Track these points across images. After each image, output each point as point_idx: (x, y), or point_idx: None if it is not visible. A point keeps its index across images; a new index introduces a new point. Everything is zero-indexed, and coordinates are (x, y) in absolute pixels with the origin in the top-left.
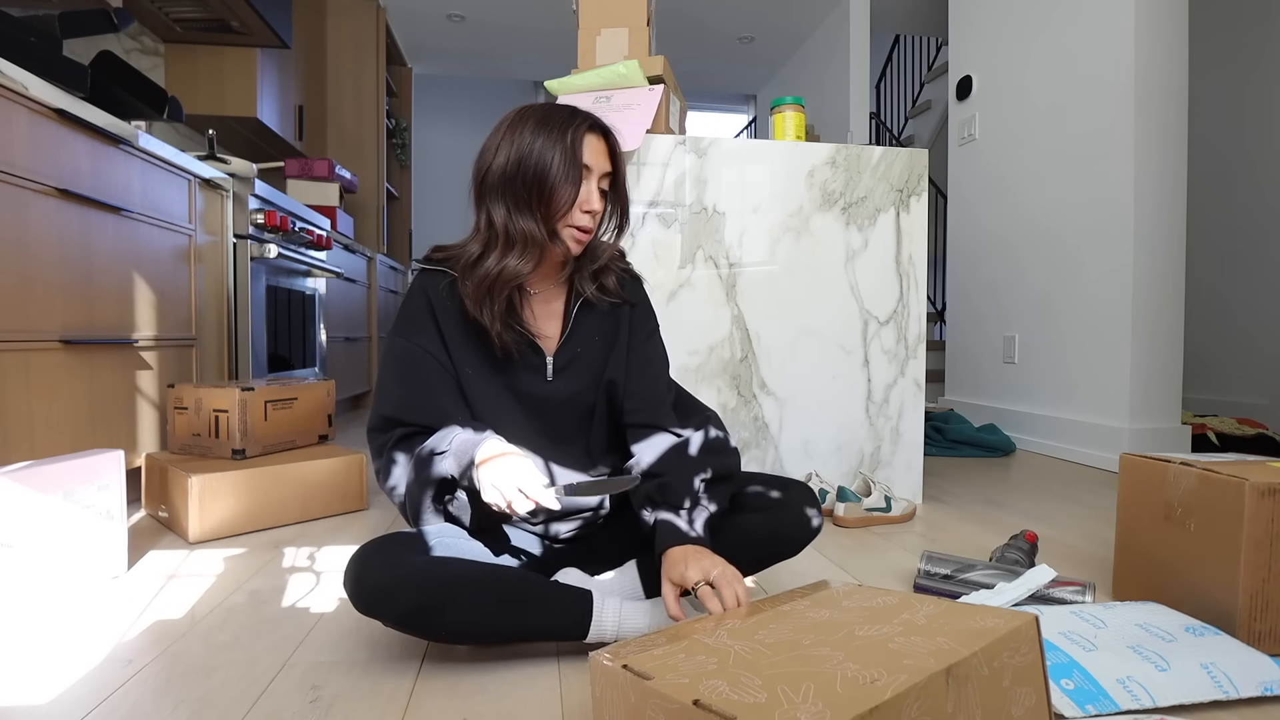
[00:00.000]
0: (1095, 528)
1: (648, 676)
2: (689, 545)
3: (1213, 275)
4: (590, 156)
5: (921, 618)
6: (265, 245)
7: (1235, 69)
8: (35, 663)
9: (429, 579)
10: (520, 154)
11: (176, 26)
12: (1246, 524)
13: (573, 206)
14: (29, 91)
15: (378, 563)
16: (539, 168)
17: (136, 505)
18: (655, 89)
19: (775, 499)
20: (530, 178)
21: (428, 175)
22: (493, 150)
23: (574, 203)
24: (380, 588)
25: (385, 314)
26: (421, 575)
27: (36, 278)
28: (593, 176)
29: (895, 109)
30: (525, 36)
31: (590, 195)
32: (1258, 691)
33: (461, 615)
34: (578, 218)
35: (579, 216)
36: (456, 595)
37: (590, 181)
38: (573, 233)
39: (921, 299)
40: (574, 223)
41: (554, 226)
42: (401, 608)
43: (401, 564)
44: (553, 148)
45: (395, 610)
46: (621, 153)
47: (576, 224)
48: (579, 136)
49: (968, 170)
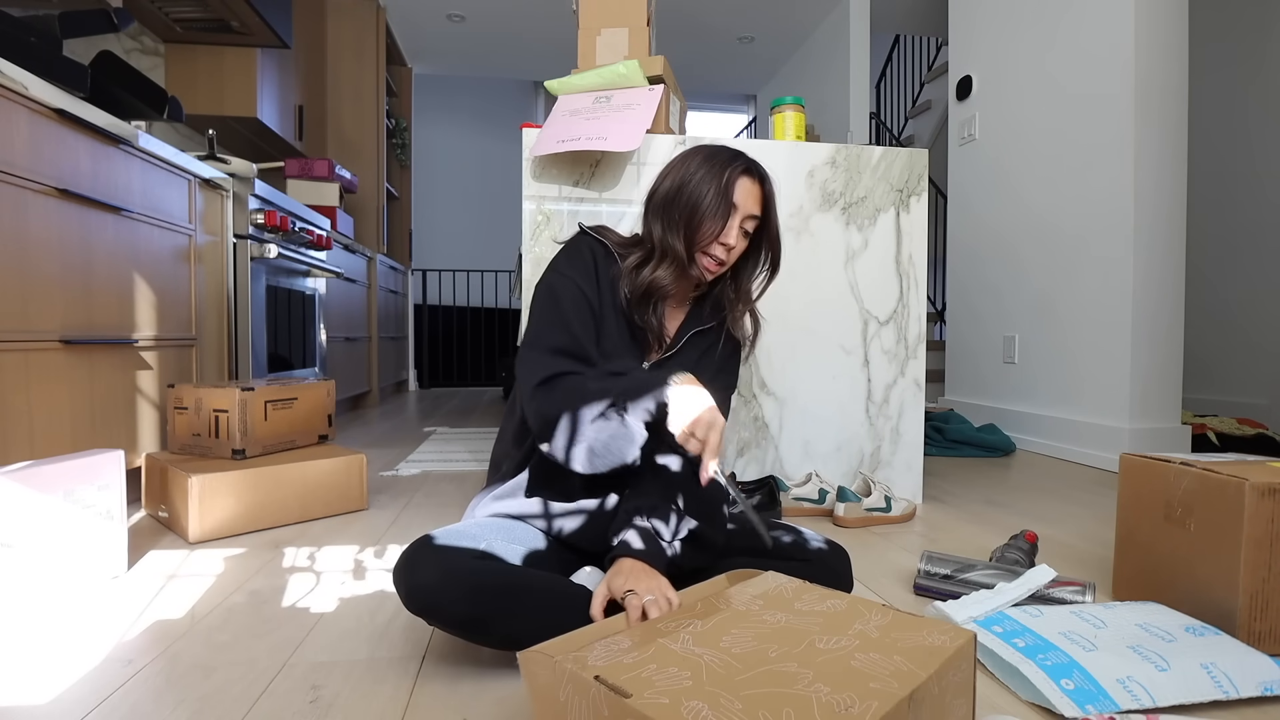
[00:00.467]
0: (1095, 528)
1: (625, 693)
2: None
3: (1213, 275)
4: (740, 196)
5: (873, 629)
6: (265, 245)
7: (1236, 68)
8: (35, 663)
9: (483, 587)
10: (682, 181)
11: (176, 26)
12: (1246, 524)
13: (714, 239)
14: (29, 91)
15: (431, 566)
16: (694, 197)
17: (136, 505)
18: (655, 89)
19: (815, 550)
20: (685, 204)
21: (428, 175)
22: (665, 175)
23: (716, 235)
24: (432, 591)
25: (385, 314)
26: (475, 582)
27: (36, 278)
28: (737, 215)
29: (895, 109)
30: (525, 36)
31: (730, 231)
32: (1258, 691)
33: (513, 626)
34: (715, 248)
35: (716, 248)
36: (510, 607)
37: (734, 219)
38: (707, 261)
39: (921, 299)
40: (712, 252)
41: (694, 251)
42: (454, 616)
43: (455, 569)
44: (709, 182)
45: (448, 618)
46: (774, 200)
47: (713, 254)
48: (734, 176)
49: (968, 170)
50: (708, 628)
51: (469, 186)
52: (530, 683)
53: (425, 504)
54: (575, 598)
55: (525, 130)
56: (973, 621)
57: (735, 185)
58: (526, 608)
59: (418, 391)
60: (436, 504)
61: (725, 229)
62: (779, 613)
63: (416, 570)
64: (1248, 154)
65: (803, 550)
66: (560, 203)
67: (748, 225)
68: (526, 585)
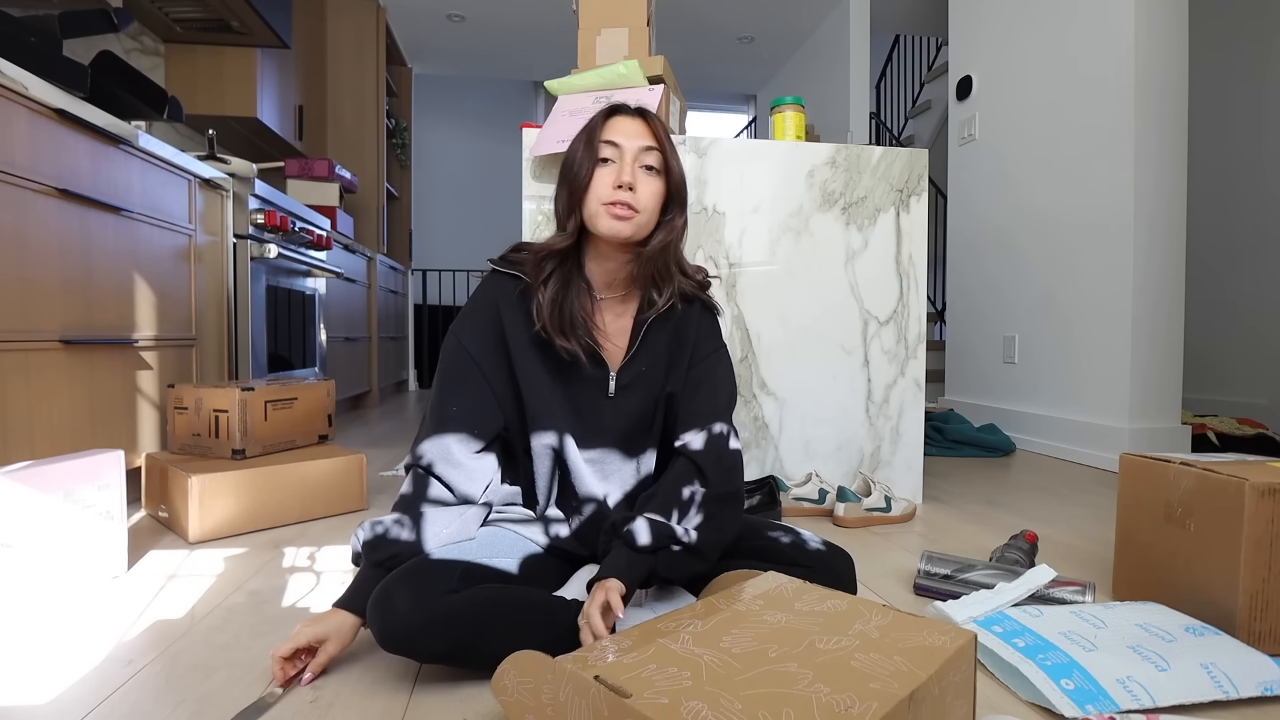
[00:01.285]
0: (1095, 528)
1: (625, 693)
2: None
3: (1213, 275)
4: (615, 133)
5: (874, 629)
6: (265, 245)
7: (1236, 67)
8: (35, 663)
9: (457, 619)
10: (567, 158)
11: (176, 26)
12: (1246, 524)
13: (591, 180)
14: (29, 91)
15: (404, 602)
16: (571, 157)
17: (136, 505)
18: (655, 89)
19: (816, 554)
20: (569, 170)
21: (428, 175)
22: None
23: (591, 175)
24: (407, 633)
25: (385, 314)
26: (450, 614)
27: (36, 278)
28: (625, 154)
29: (895, 109)
30: (525, 36)
31: (621, 171)
32: (1258, 691)
33: (495, 648)
34: (605, 193)
35: (606, 191)
36: (485, 635)
37: (623, 160)
38: (609, 210)
39: (921, 299)
40: (605, 199)
41: (589, 208)
42: (432, 652)
43: (430, 604)
44: (580, 138)
45: (425, 654)
46: (666, 134)
47: (605, 200)
48: (598, 120)
49: (968, 170)
50: (708, 628)
51: (469, 186)
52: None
53: None
54: (552, 611)
55: (525, 130)
56: (973, 621)
57: (604, 125)
58: (499, 631)
59: (418, 391)
60: None
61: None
62: (779, 613)
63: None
64: (1248, 153)
65: (804, 554)
66: None
67: (647, 159)
68: (506, 609)
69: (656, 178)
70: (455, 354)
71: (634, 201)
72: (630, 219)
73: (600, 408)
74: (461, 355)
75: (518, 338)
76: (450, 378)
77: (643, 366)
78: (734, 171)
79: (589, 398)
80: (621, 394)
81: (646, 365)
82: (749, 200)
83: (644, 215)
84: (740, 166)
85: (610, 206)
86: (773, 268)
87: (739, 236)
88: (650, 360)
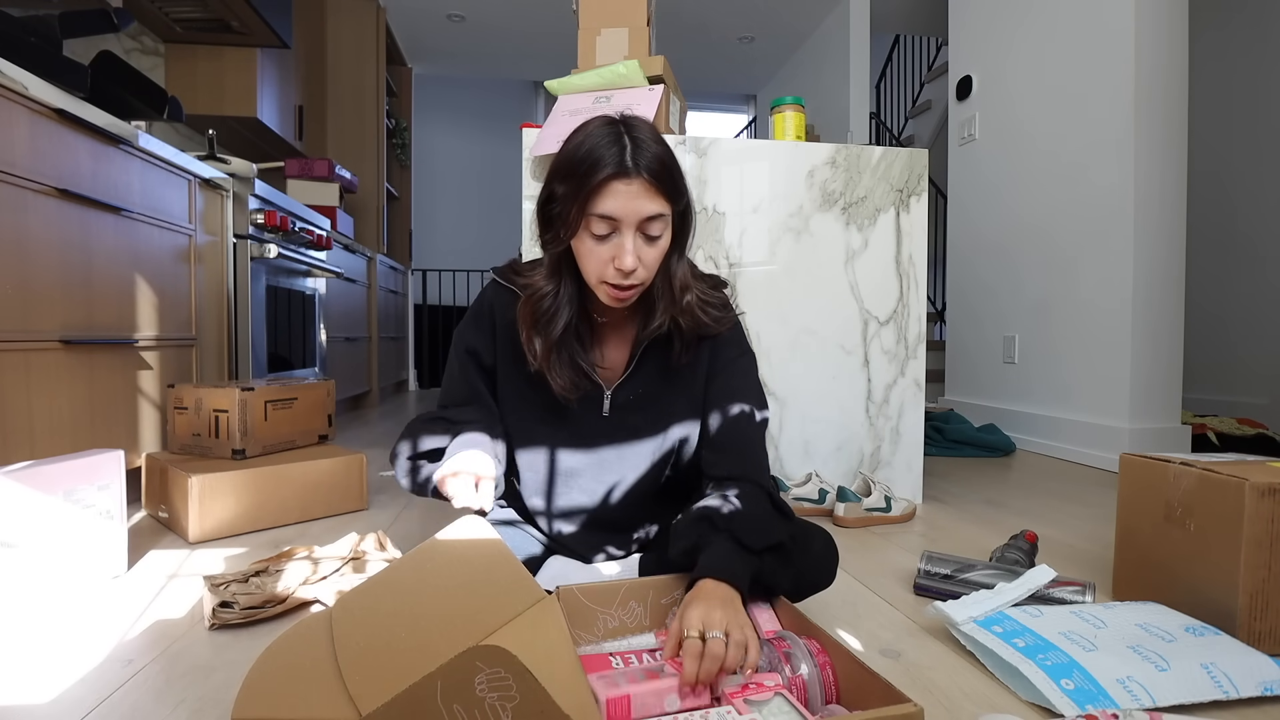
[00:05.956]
0: (1095, 528)
1: None
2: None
3: (1213, 274)
4: (611, 206)
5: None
6: (265, 245)
7: (1236, 68)
8: (35, 663)
9: None
10: (549, 194)
11: (176, 26)
12: (1246, 524)
13: (582, 248)
14: (29, 91)
15: None
16: (558, 217)
17: (136, 505)
18: (655, 89)
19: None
20: (554, 224)
21: (428, 175)
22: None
23: (577, 234)
24: None
25: (385, 314)
26: None
27: (36, 278)
28: (624, 227)
29: (895, 109)
30: (525, 36)
31: (621, 251)
32: (1258, 691)
33: None
34: (603, 271)
35: (603, 270)
36: None
37: (622, 237)
38: (607, 290)
39: (921, 299)
40: (602, 277)
41: (584, 272)
42: None
43: None
44: (570, 200)
45: None
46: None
47: (603, 278)
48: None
49: (968, 170)
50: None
51: (469, 186)
52: None
53: (425, 504)
54: None
55: (525, 130)
56: (973, 621)
57: (597, 195)
58: None
59: (418, 391)
60: (436, 504)
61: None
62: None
63: None
64: (1248, 153)
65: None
66: None
67: (650, 229)
68: None
69: (661, 237)
70: (456, 350)
71: (636, 279)
72: (632, 294)
73: (591, 429)
74: (460, 352)
75: (501, 347)
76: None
77: (640, 388)
78: (734, 171)
79: (586, 422)
80: (617, 413)
81: (644, 387)
82: (749, 200)
83: (647, 277)
84: (740, 166)
85: (609, 288)
86: (773, 268)
87: (739, 236)
88: (648, 382)
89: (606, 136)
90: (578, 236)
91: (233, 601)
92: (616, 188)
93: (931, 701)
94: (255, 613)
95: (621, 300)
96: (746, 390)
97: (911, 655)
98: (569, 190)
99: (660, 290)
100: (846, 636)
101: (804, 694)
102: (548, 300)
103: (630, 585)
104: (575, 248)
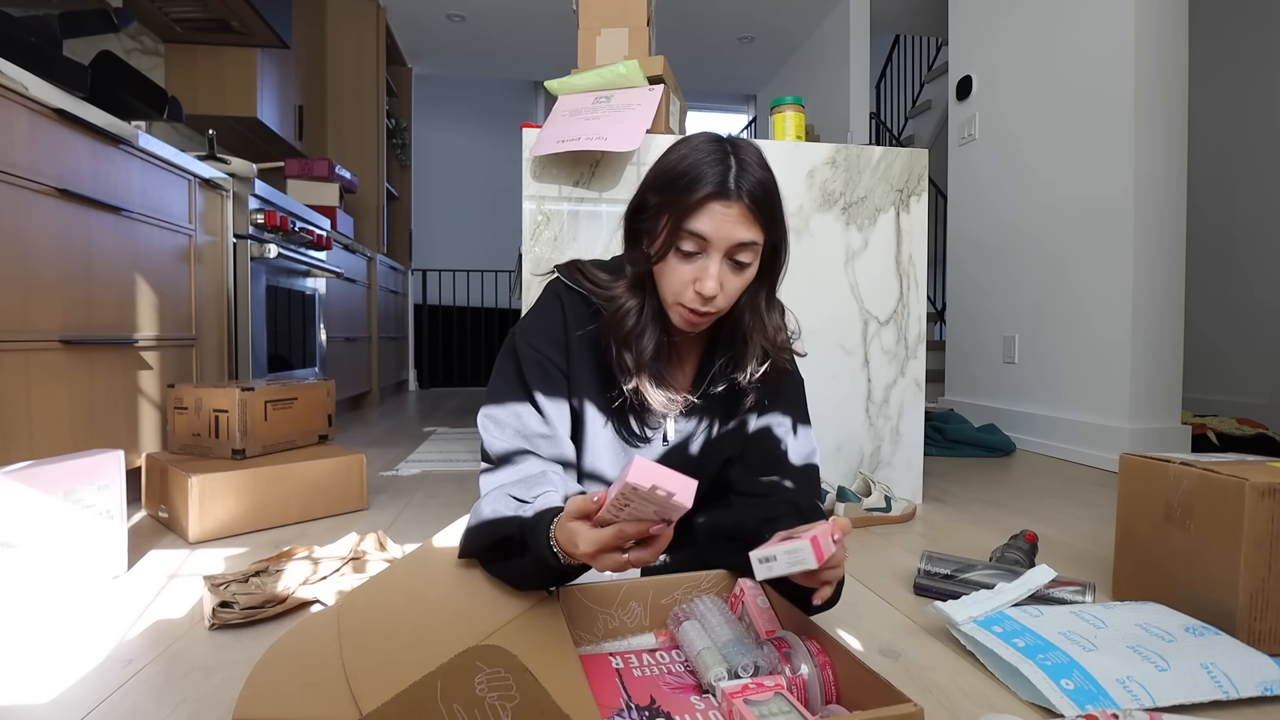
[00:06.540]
0: (1095, 528)
1: None
2: None
3: (1213, 274)
4: (706, 225)
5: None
6: (265, 245)
7: (1236, 68)
8: (35, 663)
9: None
10: (640, 204)
11: (176, 26)
12: (1246, 524)
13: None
14: (29, 91)
15: None
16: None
17: (136, 505)
18: (655, 89)
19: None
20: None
21: (428, 175)
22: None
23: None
24: None
25: (385, 314)
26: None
27: (36, 278)
28: (712, 248)
29: (895, 109)
30: (525, 37)
31: (704, 273)
32: (1258, 691)
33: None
34: (681, 291)
35: (682, 290)
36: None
37: (709, 259)
38: (681, 311)
39: (921, 299)
40: (679, 298)
41: (662, 290)
42: None
43: None
44: (663, 212)
45: None
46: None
47: (680, 299)
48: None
49: (968, 170)
50: None
51: (469, 186)
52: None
53: (425, 504)
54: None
55: (525, 130)
56: (973, 621)
57: (695, 212)
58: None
59: (418, 391)
60: (437, 504)
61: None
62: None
63: None
64: (1248, 153)
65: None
66: (560, 203)
67: (740, 255)
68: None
69: (749, 266)
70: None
71: (714, 307)
72: (706, 320)
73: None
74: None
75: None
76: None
77: (703, 419)
78: None
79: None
80: (676, 441)
81: (707, 418)
82: None
83: (726, 305)
84: None
85: (685, 310)
86: None
87: None
88: (710, 406)
89: (712, 154)
90: (662, 249)
91: (233, 601)
92: (714, 208)
93: (931, 701)
94: (255, 613)
95: (694, 325)
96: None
97: (911, 655)
98: (663, 203)
99: (750, 326)
100: (846, 636)
101: (804, 694)
102: (632, 317)
103: (630, 585)
104: (656, 270)
